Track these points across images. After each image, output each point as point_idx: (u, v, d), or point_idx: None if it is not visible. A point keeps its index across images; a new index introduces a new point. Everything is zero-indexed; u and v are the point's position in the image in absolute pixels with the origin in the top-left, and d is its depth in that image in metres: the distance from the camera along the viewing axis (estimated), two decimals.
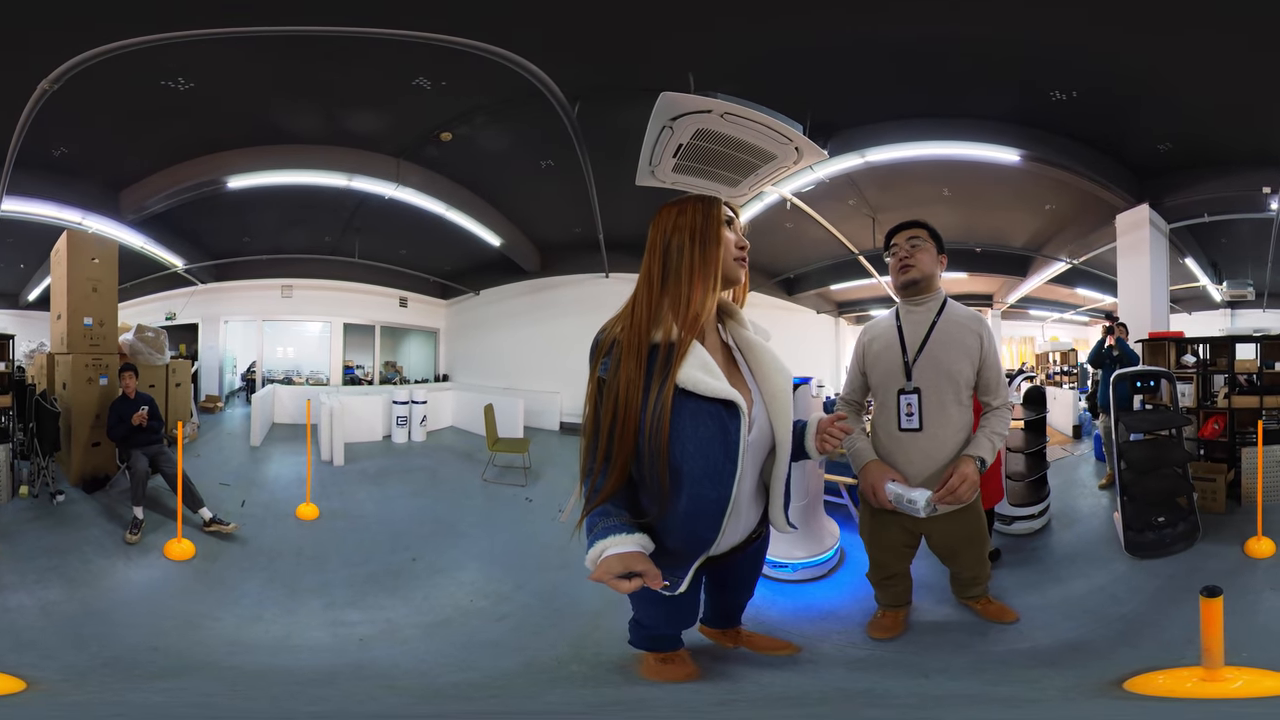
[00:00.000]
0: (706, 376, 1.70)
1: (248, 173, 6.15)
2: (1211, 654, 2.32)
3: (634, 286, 1.84)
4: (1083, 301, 9.38)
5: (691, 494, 1.74)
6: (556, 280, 8.45)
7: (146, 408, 5.00)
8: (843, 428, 1.96)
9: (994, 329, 9.14)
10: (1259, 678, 2.36)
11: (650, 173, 3.16)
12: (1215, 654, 2.32)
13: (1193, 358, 5.54)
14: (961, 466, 2.48)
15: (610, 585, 1.58)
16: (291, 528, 4.87)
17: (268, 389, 8.48)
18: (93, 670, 2.88)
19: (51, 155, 5.69)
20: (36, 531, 4.49)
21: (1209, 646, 2.32)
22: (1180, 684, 2.36)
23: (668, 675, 2.49)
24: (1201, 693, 2.29)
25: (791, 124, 2.94)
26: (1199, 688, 2.31)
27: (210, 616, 3.51)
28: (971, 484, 2.45)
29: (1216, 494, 4.59)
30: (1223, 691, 2.28)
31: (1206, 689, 2.30)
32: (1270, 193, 5.68)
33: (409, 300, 9.36)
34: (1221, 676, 2.31)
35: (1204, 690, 2.30)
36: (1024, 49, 4.39)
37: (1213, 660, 2.32)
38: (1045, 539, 4.38)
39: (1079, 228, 7.10)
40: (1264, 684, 2.33)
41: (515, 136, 5.77)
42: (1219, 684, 2.30)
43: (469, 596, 3.74)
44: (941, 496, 2.43)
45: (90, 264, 5.82)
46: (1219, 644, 2.31)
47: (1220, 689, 2.29)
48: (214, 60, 4.47)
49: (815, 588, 3.63)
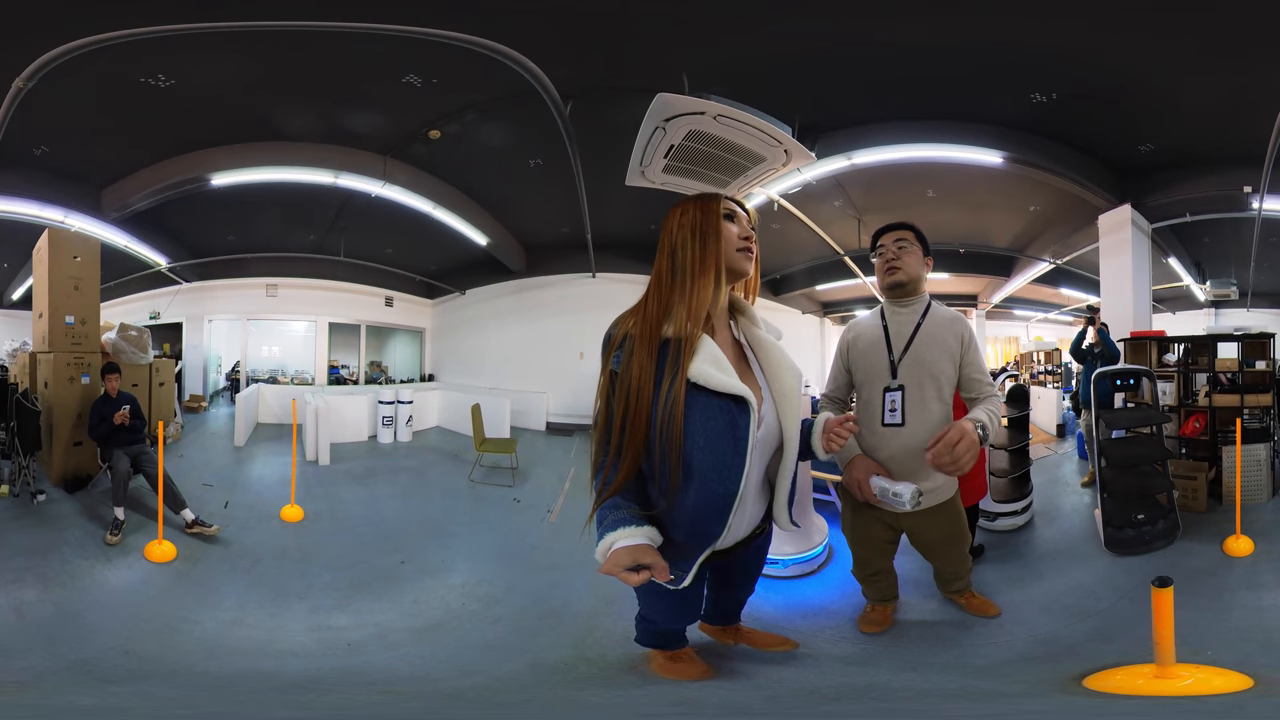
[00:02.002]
0: (717, 371, 1.74)
1: (232, 170, 6.09)
2: (1162, 648, 2.33)
3: (630, 283, 1.86)
4: (1066, 301, 9.48)
5: (699, 487, 1.77)
6: (543, 280, 8.45)
7: (128, 407, 4.95)
8: (850, 428, 2.02)
9: (979, 330, 9.21)
10: (1209, 676, 2.37)
11: (641, 173, 3.17)
12: (1166, 649, 2.33)
13: (1173, 356, 5.60)
14: (961, 423, 2.27)
15: (619, 577, 1.60)
16: (276, 529, 4.82)
17: (252, 389, 8.43)
18: (54, 672, 2.81)
19: (32, 154, 5.64)
20: (16, 531, 4.43)
21: (1160, 640, 2.33)
22: (1133, 681, 2.38)
23: (681, 673, 2.50)
24: (1151, 690, 2.31)
25: (781, 126, 2.96)
26: (1150, 684, 2.33)
27: (189, 620, 3.44)
28: (970, 441, 2.20)
29: (1198, 492, 4.64)
30: (1172, 689, 2.29)
31: (1157, 686, 2.31)
32: (1251, 192, 5.74)
33: (395, 300, 9.34)
34: (1173, 674, 2.33)
35: (1154, 687, 2.31)
36: (1006, 51, 4.42)
37: (1164, 657, 2.33)
38: (1028, 535, 4.43)
39: (1062, 228, 7.18)
40: (1213, 683, 2.34)
41: (504, 135, 5.75)
42: (1170, 681, 2.31)
43: (460, 599, 3.70)
44: (939, 453, 2.21)
45: (72, 262, 5.77)
46: (1170, 639, 2.32)
47: (1169, 686, 2.30)
48: (195, 57, 4.40)
49: (806, 583, 3.66)
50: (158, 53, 4.28)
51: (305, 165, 6.18)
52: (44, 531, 4.47)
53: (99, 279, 6.01)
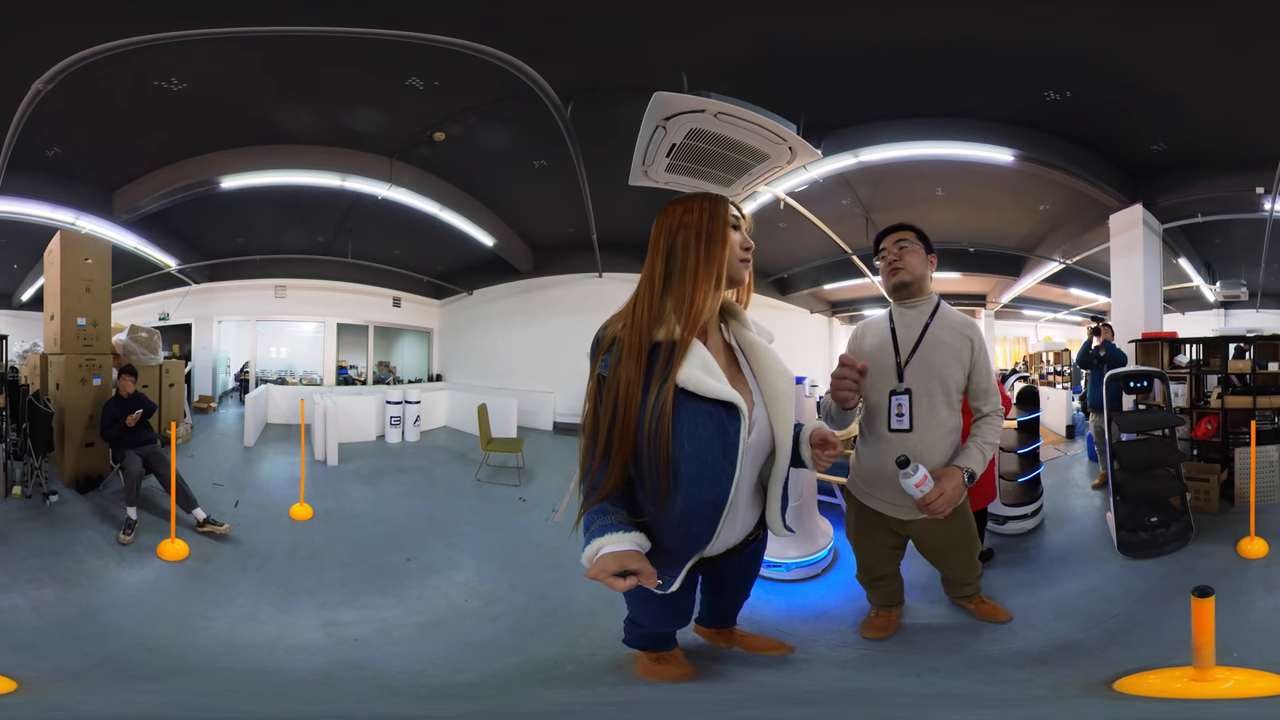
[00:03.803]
0: (707, 377, 1.69)
1: (241, 173, 6.12)
2: (1202, 654, 2.31)
3: (634, 285, 1.83)
4: (1076, 301, 9.39)
5: (688, 494, 1.73)
6: (550, 280, 8.45)
7: (141, 411, 4.97)
8: (830, 455, 1.91)
9: (987, 329, 9.16)
10: (1251, 678, 2.35)
11: (644, 173, 3.15)
12: (1206, 654, 2.31)
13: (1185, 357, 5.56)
14: (944, 481, 2.41)
15: (605, 583, 1.58)
16: (285, 528, 4.87)
17: (261, 389, 8.46)
18: (85, 671, 2.86)
19: (45, 155, 5.66)
20: (29, 532, 4.48)
21: (1200, 646, 2.31)
22: (1170, 684, 2.35)
23: (662, 675, 2.49)
24: (1192, 693, 2.28)
25: (785, 124, 2.94)
26: (1189, 688, 2.30)
27: (204, 617, 3.50)
28: (949, 500, 2.39)
29: (1210, 494, 4.60)
30: (1214, 692, 2.27)
31: (1197, 689, 2.29)
32: (1263, 193, 5.69)
33: (402, 300, 9.34)
34: (1212, 677, 2.30)
35: (1194, 690, 2.29)
36: (1018, 49, 4.40)
37: (1204, 660, 2.31)
38: (1038, 539, 4.39)
39: (1072, 228, 7.11)
40: (1256, 684, 2.32)
41: (508, 136, 5.76)
42: (1210, 684, 2.29)
43: (463, 596, 3.74)
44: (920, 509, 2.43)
45: (84, 264, 5.81)
46: (1210, 644, 2.30)
47: (1211, 689, 2.28)
48: (207, 60, 4.45)
49: (809, 587, 3.64)
50: (171, 56, 4.32)
51: (313, 168, 6.21)
52: (57, 532, 4.52)
53: (110, 281, 6.05)
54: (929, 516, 2.44)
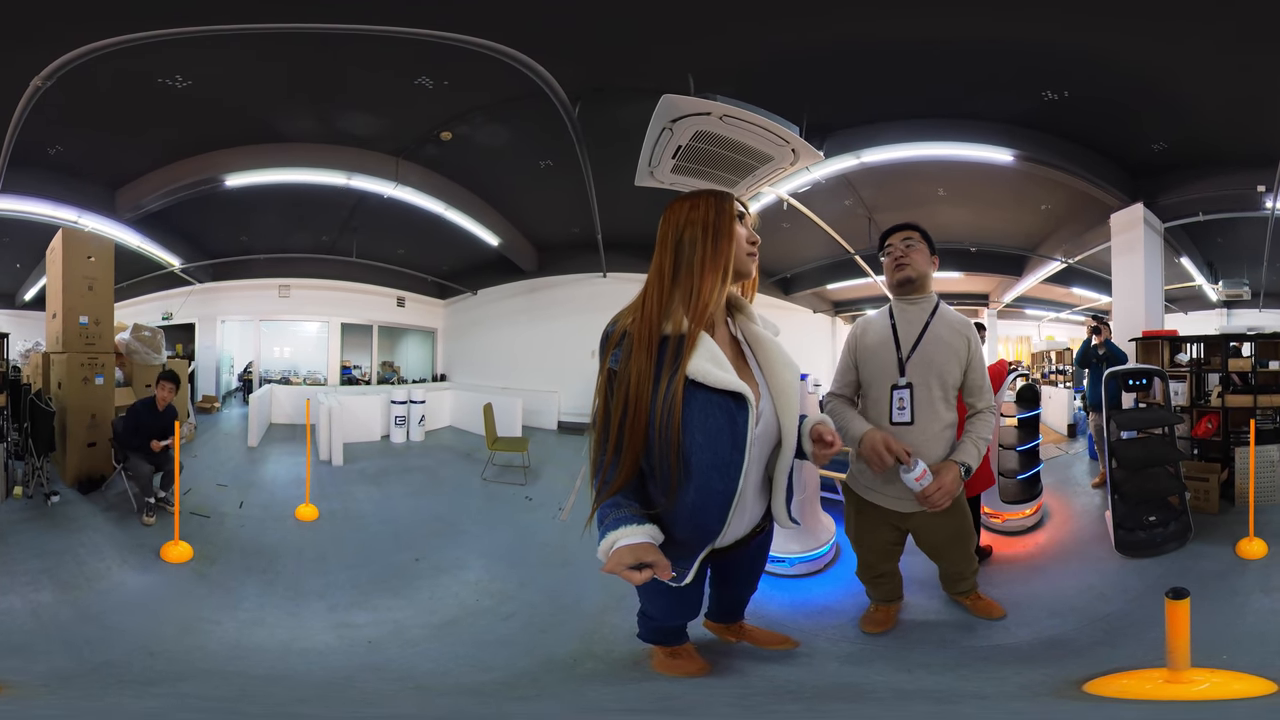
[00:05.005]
0: (715, 368, 1.72)
1: (245, 171, 6.14)
2: (1176, 656, 2.30)
3: (640, 283, 1.85)
4: (1078, 301, 9.41)
5: (699, 485, 1.76)
6: (554, 280, 8.47)
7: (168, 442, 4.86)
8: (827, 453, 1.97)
9: (990, 327, 9.16)
10: (1229, 680, 2.34)
11: (650, 173, 3.17)
12: (1180, 656, 2.30)
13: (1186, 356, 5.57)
14: (942, 475, 2.54)
15: (622, 576, 1.61)
16: (291, 529, 4.86)
17: (265, 389, 8.49)
18: (79, 675, 2.81)
19: (47, 153, 5.67)
20: (30, 533, 4.44)
21: (1174, 649, 2.30)
22: (1142, 685, 2.35)
23: (679, 670, 2.52)
24: (1163, 694, 2.27)
25: (788, 126, 2.95)
26: (1160, 689, 2.29)
27: (210, 620, 3.46)
28: (947, 493, 2.53)
29: (1209, 494, 4.60)
30: (1185, 694, 2.25)
31: (1169, 690, 2.28)
32: (1265, 191, 5.70)
33: (407, 300, 9.37)
34: (1187, 679, 2.29)
35: (1165, 692, 2.28)
36: (1017, 49, 4.41)
37: (1178, 662, 2.30)
38: (1037, 536, 4.41)
39: (1074, 227, 7.13)
40: (1233, 686, 2.31)
41: (515, 136, 5.78)
42: (1183, 686, 2.28)
43: (474, 596, 3.74)
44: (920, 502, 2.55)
45: (86, 262, 5.81)
46: (1185, 646, 2.29)
47: (1183, 691, 2.27)
48: (212, 58, 4.44)
49: (812, 582, 3.67)
50: (175, 53, 4.31)
51: (318, 166, 6.23)
52: (59, 533, 4.49)
53: (113, 279, 6.05)
54: (928, 509, 2.56)
